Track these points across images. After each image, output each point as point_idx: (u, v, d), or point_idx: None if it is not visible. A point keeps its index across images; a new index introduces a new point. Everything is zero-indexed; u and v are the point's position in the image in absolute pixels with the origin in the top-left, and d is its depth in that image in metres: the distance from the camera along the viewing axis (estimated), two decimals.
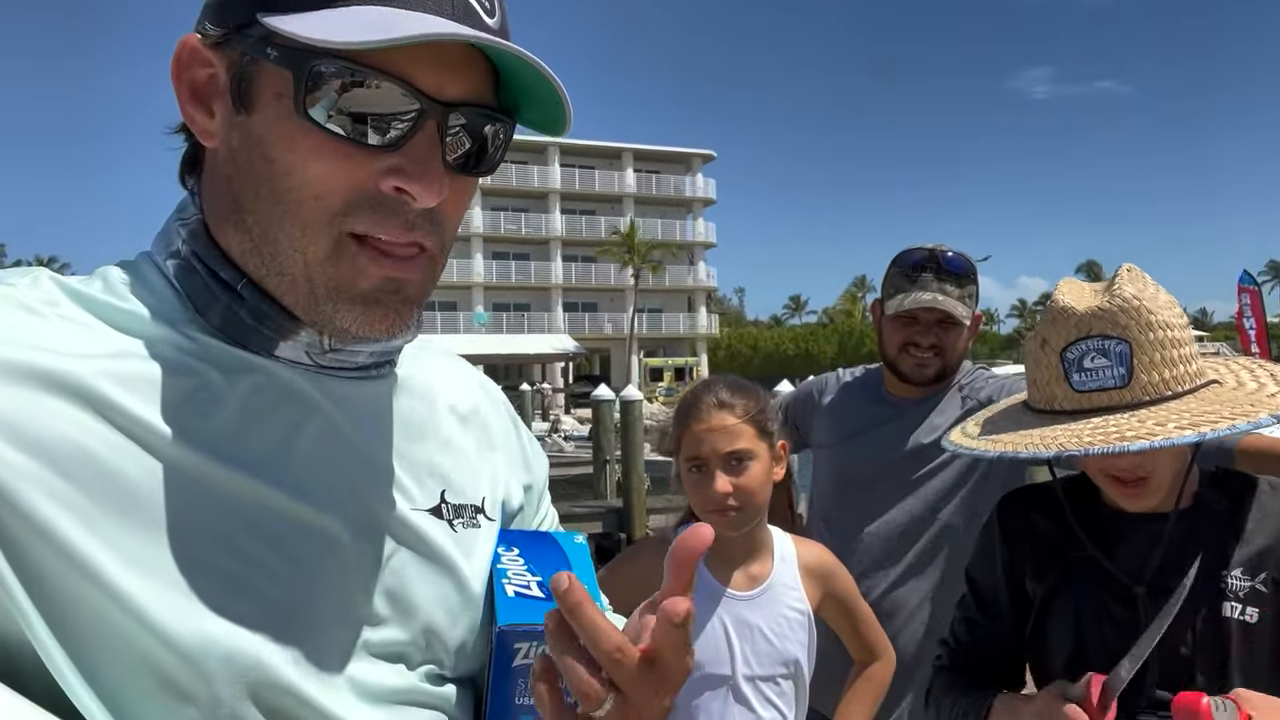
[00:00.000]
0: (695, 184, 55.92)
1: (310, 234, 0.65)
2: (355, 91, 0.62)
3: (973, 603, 1.49)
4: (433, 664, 0.73)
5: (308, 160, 0.63)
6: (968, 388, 2.12)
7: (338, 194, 0.64)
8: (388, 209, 0.65)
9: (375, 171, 0.64)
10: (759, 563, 1.66)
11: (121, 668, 0.57)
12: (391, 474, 0.74)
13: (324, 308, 0.67)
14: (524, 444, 0.93)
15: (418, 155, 0.64)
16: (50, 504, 0.56)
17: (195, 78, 0.67)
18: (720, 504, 1.57)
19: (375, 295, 0.67)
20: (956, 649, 1.51)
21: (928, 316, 2.05)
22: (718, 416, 1.59)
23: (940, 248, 2.07)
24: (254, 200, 0.66)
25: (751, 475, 1.58)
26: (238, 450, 0.65)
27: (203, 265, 0.69)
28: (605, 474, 14.51)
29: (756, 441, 1.60)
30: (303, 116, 0.62)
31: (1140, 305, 1.18)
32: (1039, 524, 1.40)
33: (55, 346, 0.60)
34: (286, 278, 0.66)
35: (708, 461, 1.58)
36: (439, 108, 0.64)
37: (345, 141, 0.63)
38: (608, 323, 52.54)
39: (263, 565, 0.63)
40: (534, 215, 51.94)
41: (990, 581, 1.46)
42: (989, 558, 1.46)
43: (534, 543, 0.83)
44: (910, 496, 2.07)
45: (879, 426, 2.15)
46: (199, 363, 0.66)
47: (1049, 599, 1.37)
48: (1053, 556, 1.37)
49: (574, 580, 0.56)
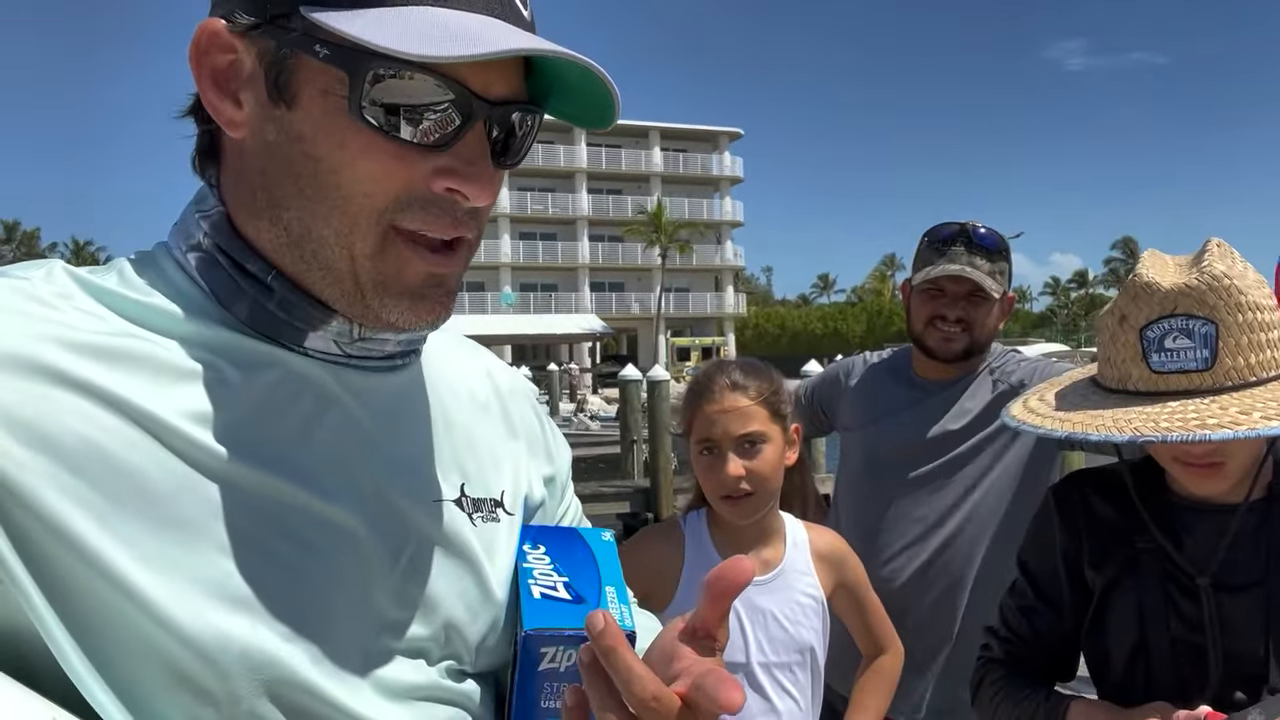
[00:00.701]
0: (723, 162, 55.63)
1: (358, 230, 0.64)
2: (408, 93, 0.62)
3: (1029, 590, 1.42)
4: (453, 659, 0.73)
5: (358, 159, 0.63)
6: (999, 371, 2.07)
7: (388, 193, 0.64)
8: (438, 208, 0.65)
9: (426, 171, 0.64)
10: (771, 548, 1.63)
11: (137, 664, 0.57)
12: (412, 467, 0.74)
13: (370, 302, 0.66)
14: (546, 433, 0.91)
15: (469, 155, 0.65)
16: (62, 500, 0.55)
17: (216, 64, 0.66)
18: (732, 488, 1.54)
19: (421, 289, 0.67)
20: (1011, 639, 1.43)
21: (955, 288, 2.00)
22: (731, 398, 1.55)
23: (972, 223, 2.02)
24: (295, 196, 0.65)
25: (764, 459, 1.55)
26: (255, 444, 0.64)
27: (227, 258, 0.67)
28: (632, 454, 14.55)
29: (770, 424, 1.56)
30: (356, 117, 0.62)
31: (1230, 284, 1.11)
32: (1100, 509, 1.34)
33: (68, 340, 0.59)
34: (332, 272, 0.66)
35: (720, 444, 1.55)
36: (487, 107, 0.64)
37: (397, 142, 0.63)
38: (635, 302, 52.55)
39: (280, 561, 0.63)
40: (561, 195, 51.96)
41: (1048, 568, 1.39)
42: (1046, 543, 1.39)
43: (561, 540, 0.82)
44: (938, 481, 2.03)
45: (907, 409, 2.11)
46: (216, 356, 0.65)
47: (1109, 589, 1.31)
48: (1115, 544, 1.31)
49: (609, 621, 0.54)
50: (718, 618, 0.58)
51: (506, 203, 49.85)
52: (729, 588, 0.57)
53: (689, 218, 50.92)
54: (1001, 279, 2.02)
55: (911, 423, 2.08)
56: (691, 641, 0.59)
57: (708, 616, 0.58)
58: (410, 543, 0.71)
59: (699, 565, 1.58)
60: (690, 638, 0.59)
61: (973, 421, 2.02)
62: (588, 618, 0.55)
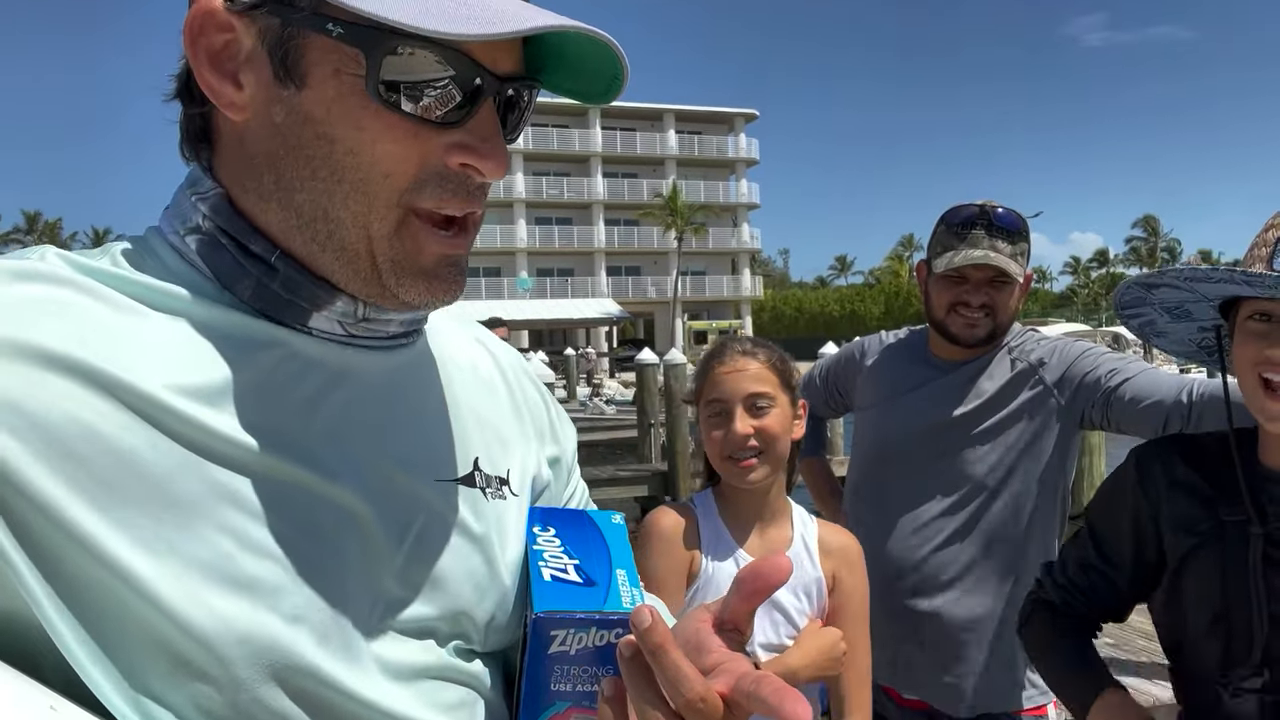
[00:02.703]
0: (738, 144, 55.22)
1: (377, 211, 0.64)
2: (421, 70, 0.62)
3: (1091, 545, 1.44)
4: (461, 639, 0.72)
5: (378, 140, 0.62)
6: (1017, 350, 2.05)
7: (407, 173, 0.64)
8: (454, 184, 0.65)
9: (441, 147, 0.64)
10: (778, 529, 1.62)
11: (137, 650, 0.56)
12: (418, 446, 0.73)
13: (387, 281, 0.66)
14: (551, 414, 0.91)
15: (482, 131, 0.65)
16: (56, 484, 0.54)
17: (212, 44, 0.64)
18: (740, 445, 1.54)
19: (436, 269, 0.67)
20: (1065, 586, 1.47)
21: (978, 274, 1.97)
22: (742, 360, 1.59)
23: (990, 204, 1.98)
24: (308, 179, 0.64)
25: (773, 418, 1.56)
26: (256, 424, 0.63)
27: (230, 239, 0.67)
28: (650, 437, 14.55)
29: (779, 390, 1.58)
30: (375, 97, 0.61)
31: None
32: (1185, 476, 1.33)
33: (60, 323, 0.58)
34: (347, 253, 0.65)
35: (729, 403, 1.57)
36: (497, 82, 0.65)
37: (413, 120, 0.62)
38: (651, 286, 52.41)
39: (283, 542, 0.62)
40: (576, 179, 51.78)
41: (1116, 527, 1.40)
42: (1119, 505, 1.40)
43: (571, 522, 0.81)
44: (954, 461, 2.01)
45: (922, 387, 2.09)
46: (216, 335, 0.64)
47: (1187, 557, 1.30)
48: (1199, 513, 1.31)
49: (656, 618, 0.54)
50: (748, 613, 0.57)
51: (522, 187, 49.80)
52: (765, 586, 0.56)
53: (704, 201, 50.62)
54: (1022, 260, 1.99)
55: (928, 402, 2.06)
56: (720, 633, 0.58)
57: (737, 611, 0.57)
58: (416, 522, 0.70)
59: (713, 545, 1.58)
60: (719, 629, 0.58)
61: (990, 401, 2.00)
62: (633, 613, 0.54)
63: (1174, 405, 1.72)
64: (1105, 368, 1.91)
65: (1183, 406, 1.71)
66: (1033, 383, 1.99)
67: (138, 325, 0.62)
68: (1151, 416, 1.76)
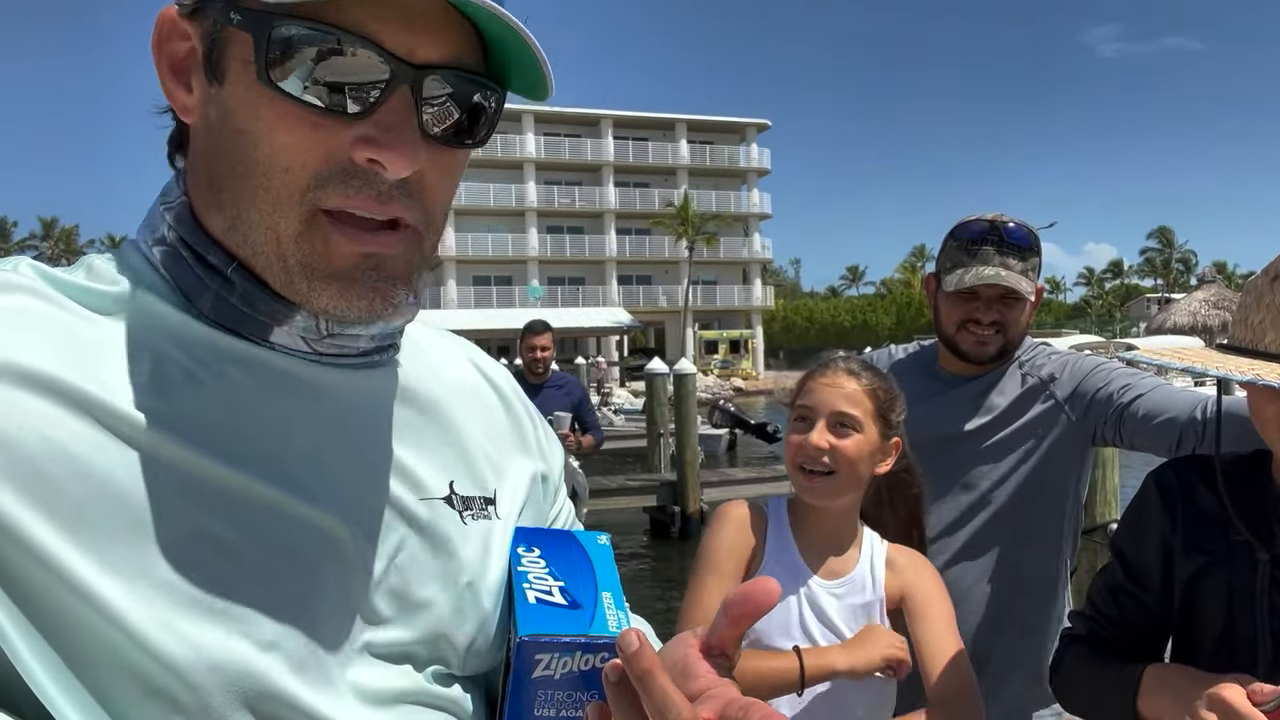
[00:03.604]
0: (750, 154, 55.26)
1: (281, 209, 0.61)
2: (321, 55, 0.58)
3: (1120, 571, 1.42)
4: (440, 664, 0.70)
5: (274, 130, 0.60)
6: (1028, 364, 2.02)
7: (308, 166, 0.60)
8: (360, 180, 0.61)
9: (346, 140, 0.60)
10: (844, 553, 1.59)
11: (105, 677, 0.54)
12: (397, 465, 0.71)
13: (299, 286, 0.63)
14: (539, 432, 0.89)
15: (388, 122, 0.60)
16: (22, 506, 0.53)
17: (175, 52, 0.64)
18: (813, 457, 1.52)
19: (352, 273, 0.63)
20: (1097, 619, 1.43)
21: (989, 292, 1.94)
22: (842, 377, 1.57)
23: (1001, 218, 1.95)
24: (229, 176, 0.62)
25: (854, 442, 1.53)
26: (230, 445, 0.61)
27: (189, 250, 0.65)
28: (659, 447, 14.52)
29: (869, 418, 1.55)
30: (266, 83, 0.59)
31: None
32: (1201, 498, 1.32)
33: (33, 338, 0.57)
34: (261, 256, 0.63)
35: (814, 413, 1.55)
36: (410, 71, 0.60)
37: (311, 109, 0.59)
38: (662, 295, 52.43)
39: (256, 566, 0.60)
40: (588, 189, 51.92)
41: (1142, 551, 1.38)
42: (1142, 527, 1.39)
43: (556, 543, 0.79)
44: (964, 476, 1.98)
45: (931, 401, 2.05)
46: (187, 353, 0.63)
47: (1198, 576, 1.30)
48: (1211, 533, 1.29)
49: (643, 641, 0.52)
50: (735, 639, 0.56)
51: (534, 196, 49.94)
52: (753, 610, 0.55)
53: (716, 210, 50.73)
54: (1034, 275, 1.96)
55: (937, 417, 2.02)
56: (708, 659, 0.57)
57: (725, 636, 0.56)
58: (394, 543, 0.69)
59: (776, 549, 1.57)
60: (706, 654, 0.57)
61: (1000, 416, 1.97)
62: (620, 636, 0.53)
63: (1188, 423, 1.69)
64: (1118, 383, 1.87)
65: (1197, 424, 1.68)
66: (1044, 398, 1.96)
67: (108, 340, 0.60)
68: (1165, 434, 1.73)
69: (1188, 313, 21.49)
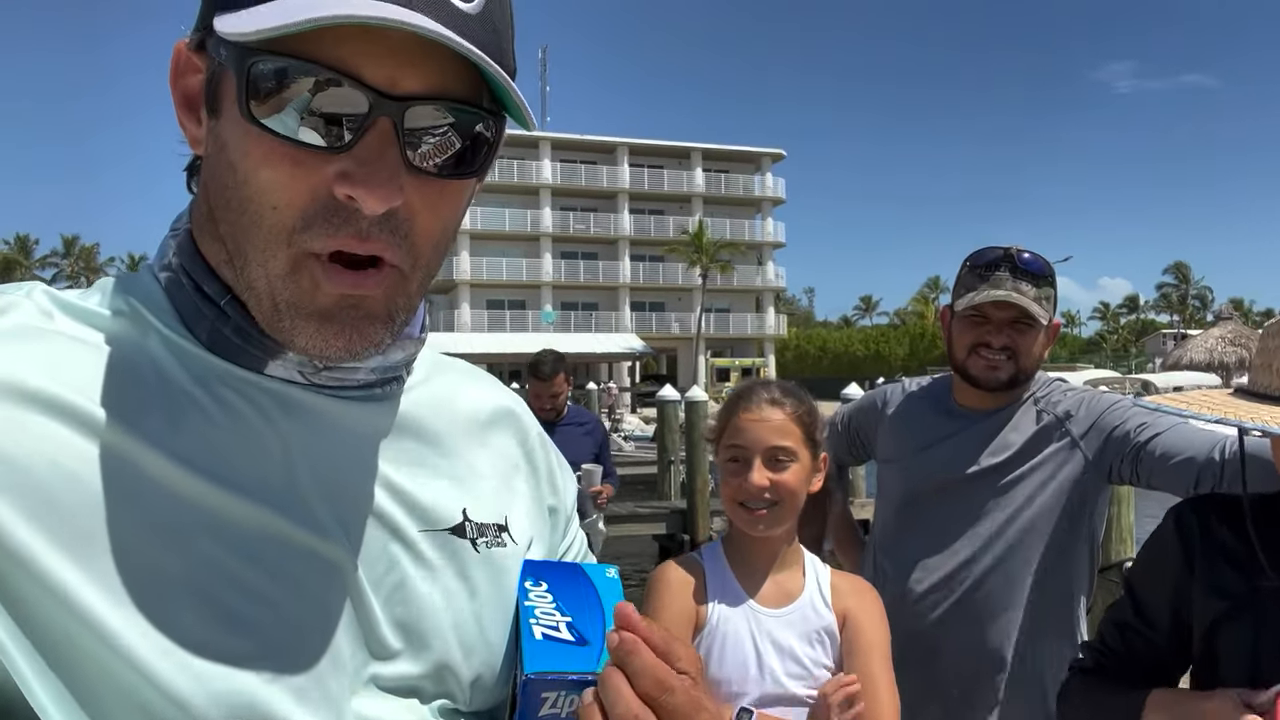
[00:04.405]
0: (764, 183, 55.50)
1: (270, 248, 0.61)
2: (300, 90, 0.57)
3: (1130, 607, 1.40)
4: (446, 698, 0.70)
5: (259, 166, 0.59)
6: (1044, 400, 2.00)
7: (294, 205, 0.59)
8: (340, 219, 0.59)
9: (328, 176, 0.59)
10: (789, 577, 1.59)
11: (108, 706, 0.54)
12: (404, 494, 0.70)
13: (284, 323, 0.62)
14: (552, 463, 0.88)
15: (365, 156, 0.58)
16: (31, 533, 0.53)
17: (189, 85, 0.65)
18: (755, 496, 1.53)
19: (330, 311, 0.62)
20: (1104, 652, 1.42)
21: (1000, 314, 1.93)
22: (768, 410, 1.56)
23: (1016, 248, 1.95)
24: (225, 209, 0.62)
25: (791, 473, 1.54)
26: (235, 473, 0.61)
27: (189, 279, 0.66)
28: (670, 475, 14.45)
29: (801, 445, 1.56)
30: (248, 118, 0.58)
31: None
32: (1223, 537, 1.30)
33: (46, 363, 0.57)
34: (253, 291, 0.63)
35: (749, 452, 1.55)
36: (390, 103, 0.58)
37: (292, 145, 0.58)
38: (675, 323, 52.47)
39: (261, 596, 0.59)
40: (603, 215, 52.18)
41: (1154, 589, 1.37)
42: (1157, 565, 1.37)
43: (564, 576, 0.78)
44: (978, 515, 1.96)
45: (947, 440, 2.03)
46: (195, 380, 0.63)
47: (1222, 620, 1.27)
48: (1235, 576, 1.27)
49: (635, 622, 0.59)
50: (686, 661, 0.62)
51: (549, 222, 50.24)
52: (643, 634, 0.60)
53: (730, 238, 50.78)
54: (1048, 305, 1.95)
55: (952, 454, 2.01)
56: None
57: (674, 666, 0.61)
58: (402, 576, 0.68)
59: (721, 594, 1.56)
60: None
61: (1016, 453, 1.95)
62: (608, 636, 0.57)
63: (1206, 463, 1.67)
64: (1135, 421, 1.85)
65: (1215, 465, 1.65)
66: (1059, 435, 1.94)
67: (114, 363, 0.60)
68: (1183, 474, 1.70)
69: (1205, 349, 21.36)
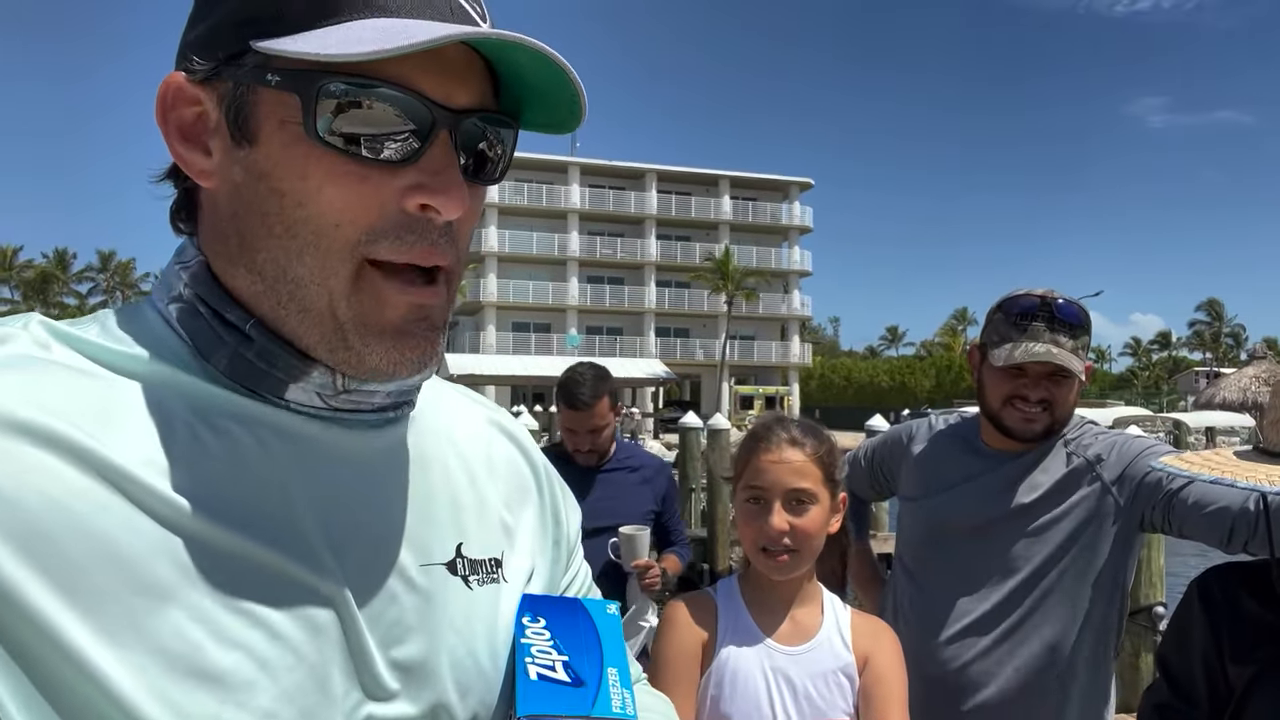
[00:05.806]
0: (792, 212, 55.52)
1: (332, 265, 0.61)
2: (365, 109, 0.60)
3: (1165, 687, 1.38)
4: None
5: (323, 186, 0.60)
6: (1074, 443, 1.96)
7: (359, 221, 0.61)
8: (413, 233, 0.62)
9: (396, 190, 0.61)
10: (808, 615, 1.56)
11: None
12: (403, 529, 0.70)
13: (353, 343, 0.63)
14: (556, 494, 0.87)
15: (435, 167, 0.62)
16: (18, 566, 0.52)
17: (183, 118, 0.65)
18: (775, 541, 1.50)
19: (404, 326, 0.64)
20: None
21: (1038, 369, 1.90)
22: (788, 451, 1.53)
23: (1052, 294, 1.91)
24: (265, 237, 0.63)
25: (811, 518, 1.51)
26: (232, 507, 0.60)
27: (207, 307, 0.65)
28: (690, 503, 14.37)
29: (821, 486, 1.53)
30: (315, 139, 0.60)
31: None
32: (1246, 605, 1.29)
33: (41, 395, 0.57)
34: (311, 314, 0.63)
35: (768, 494, 1.52)
36: (451, 116, 0.62)
37: (360, 162, 0.60)
38: (699, 349, 52.41)
39: (257, 632, 0.59)
40: (630, 240, 52.39)
41: (1186, 664, 1.34)
42: (1186, 639, 1.35)
43: (562, 613, 0.77)
44: (1007, 558, 1.92)
45: (974, 480, 2.00)
46: (197, 411, 0.63)
47: (1251, 686, 1.25)
48: (1261, 641, 1.25)
49: None
50: None
51: (576, 245, 50.51)
52: None
53: (757, 266, 50.83)
54: (1084, 354, 1.92)
55: (978, 495, 1.98)
56: None
57: None
58: (398, 612, 0.67)
59: (733, 630, 1.53)
60: None
61: (1045, 496, 1.91)
62: None
63: (1240, 514, 1.63)
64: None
65: (1249, 516, 1.61)
66: (1089, 479, 1.90)
67: (114, 397, 0.60)
68: (1216, 524, 1.66)
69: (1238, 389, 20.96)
